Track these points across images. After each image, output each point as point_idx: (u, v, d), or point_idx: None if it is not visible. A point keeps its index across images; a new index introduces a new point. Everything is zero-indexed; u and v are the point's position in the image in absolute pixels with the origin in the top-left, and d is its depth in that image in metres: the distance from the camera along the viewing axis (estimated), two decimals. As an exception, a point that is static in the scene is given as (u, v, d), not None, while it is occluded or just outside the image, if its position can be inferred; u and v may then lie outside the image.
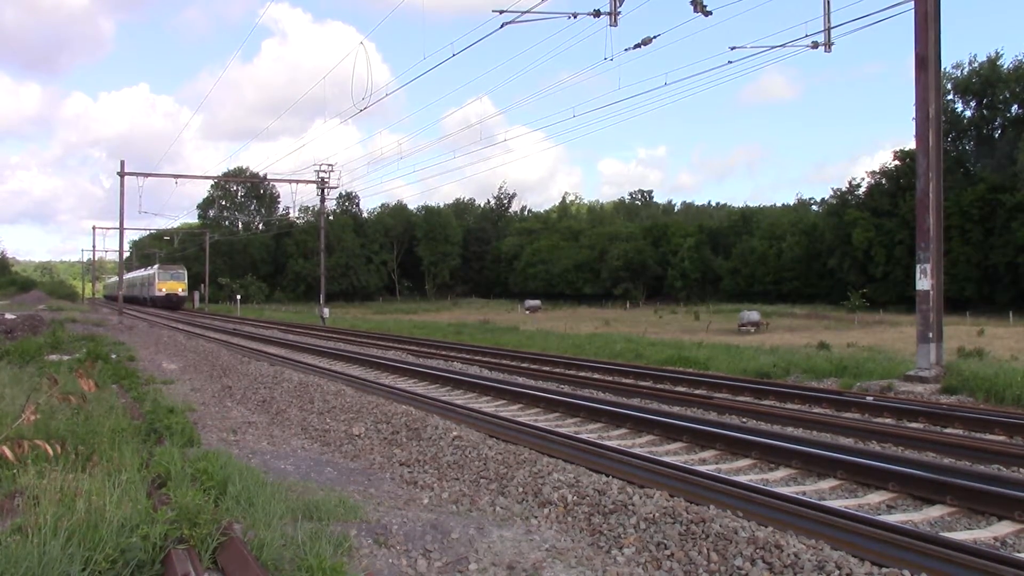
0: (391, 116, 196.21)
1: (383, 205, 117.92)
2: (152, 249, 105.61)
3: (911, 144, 52.29)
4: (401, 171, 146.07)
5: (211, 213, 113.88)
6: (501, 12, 16.90)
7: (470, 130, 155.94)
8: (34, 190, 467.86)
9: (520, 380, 14.91)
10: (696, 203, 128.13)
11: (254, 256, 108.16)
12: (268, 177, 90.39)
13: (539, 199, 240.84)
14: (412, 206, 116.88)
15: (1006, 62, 63.20)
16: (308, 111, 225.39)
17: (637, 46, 17.75)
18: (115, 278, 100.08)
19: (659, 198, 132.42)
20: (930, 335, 13.60)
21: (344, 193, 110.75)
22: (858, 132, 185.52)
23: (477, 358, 19.63)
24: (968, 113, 65.42)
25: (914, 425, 9.98)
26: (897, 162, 67.54)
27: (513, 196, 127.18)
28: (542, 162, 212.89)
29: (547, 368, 17.22)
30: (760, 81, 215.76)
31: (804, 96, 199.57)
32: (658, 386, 13.77)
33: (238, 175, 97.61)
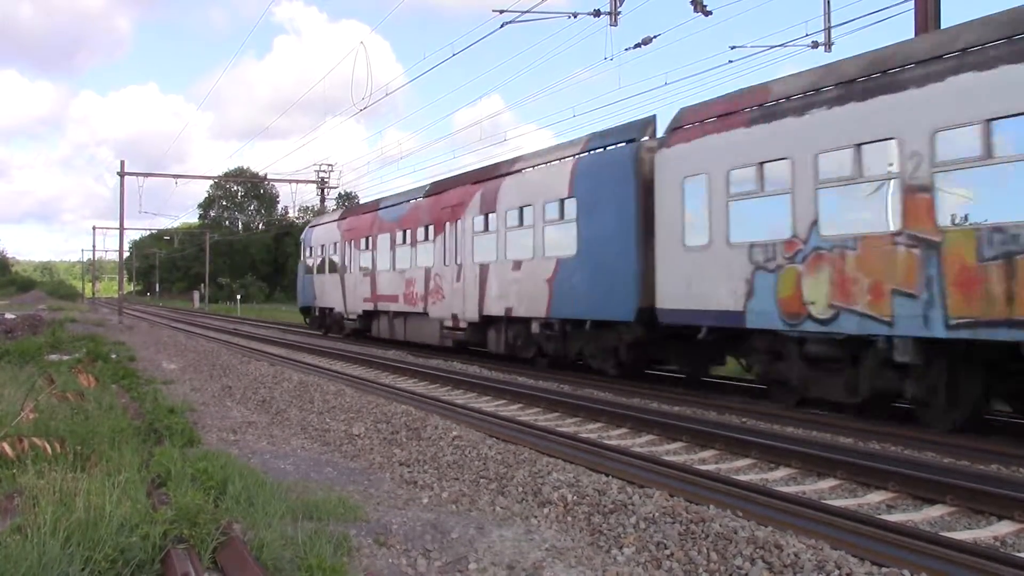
0: (401, 114, 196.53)
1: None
2: (152, 249, 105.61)
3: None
4: (408, 170, 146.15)
5: (211, 213, 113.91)
6: (501, 12, 16.89)
7: (479, 129, 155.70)
8: (39, 190, 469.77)
9: (520, 379, 14.91)
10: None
11: (254, 256, 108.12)
12: (268, 177, 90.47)
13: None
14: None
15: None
16: (319, 110, 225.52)
17: (637, 46, 17.75)
18: None
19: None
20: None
21: (344, 193, 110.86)
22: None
23: (477, 358, 19.62)
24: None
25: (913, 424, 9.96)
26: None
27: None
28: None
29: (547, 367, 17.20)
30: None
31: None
32: (658, 386, 13.76)
33: (238, 175, 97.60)
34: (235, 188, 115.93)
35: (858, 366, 9.67)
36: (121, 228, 43.33)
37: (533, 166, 16.41)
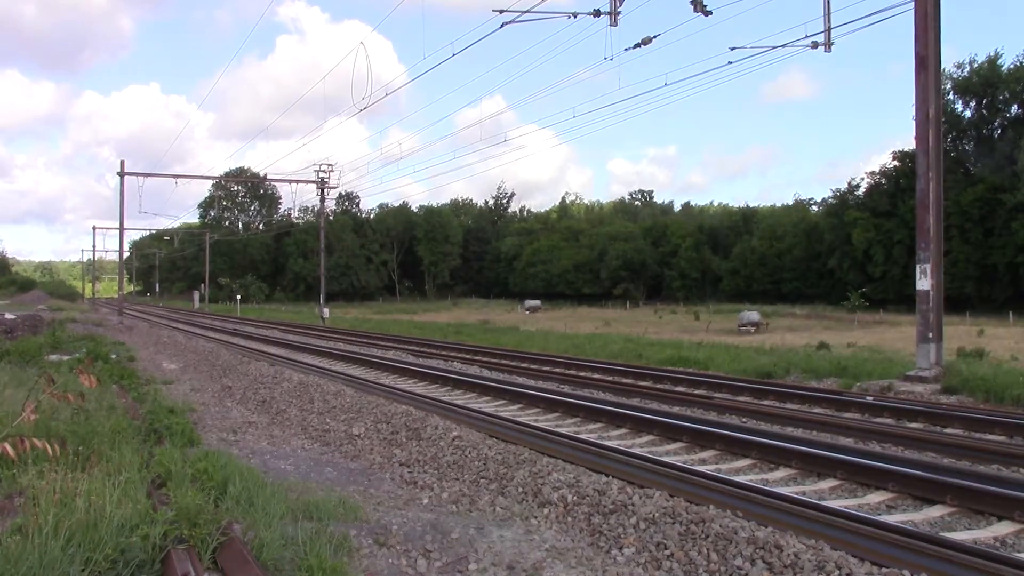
0: (403, 113, 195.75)
1: (382, 205, 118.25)
2: (152, 249, 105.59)
3: (913, 144, 52.27)
4: (408, 170, 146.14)
5: (212, 213, 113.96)
6: (501, 12, 16.90)
7: (480, 129, 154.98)
8: (40, 189, 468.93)
9: (520, 380, 14.91)
10: (699, 203, 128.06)
11: (254, 256, 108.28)
12: (268, 177, 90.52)
13: (548, 199, 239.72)
14: (420, 204, 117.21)
15: (1006, 62, 63.20)
16: (321, 110, 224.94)
17: (637, 46, 17.76)
18: None
19: (669, 197, 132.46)
20: (930, 335, 13.59)
21: (344, 193, 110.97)
22: (870, 131, 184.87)
23: (477, 358, 19.63)
24: (968, 113, 65.43)
25: (914, 425, 9.97)
26: (896, 163, 67.74)
27: (512, 196, 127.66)
28: (553, 162, 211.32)
29: (547, 368, 17.21)
30: (778, 80, 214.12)
31: (820, 95, 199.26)
32: (658, 386, 13.77)
33: (239, 175, 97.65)
34: (236, 188, 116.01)
35: None
36: (121, 228, 43.36)
37: None
